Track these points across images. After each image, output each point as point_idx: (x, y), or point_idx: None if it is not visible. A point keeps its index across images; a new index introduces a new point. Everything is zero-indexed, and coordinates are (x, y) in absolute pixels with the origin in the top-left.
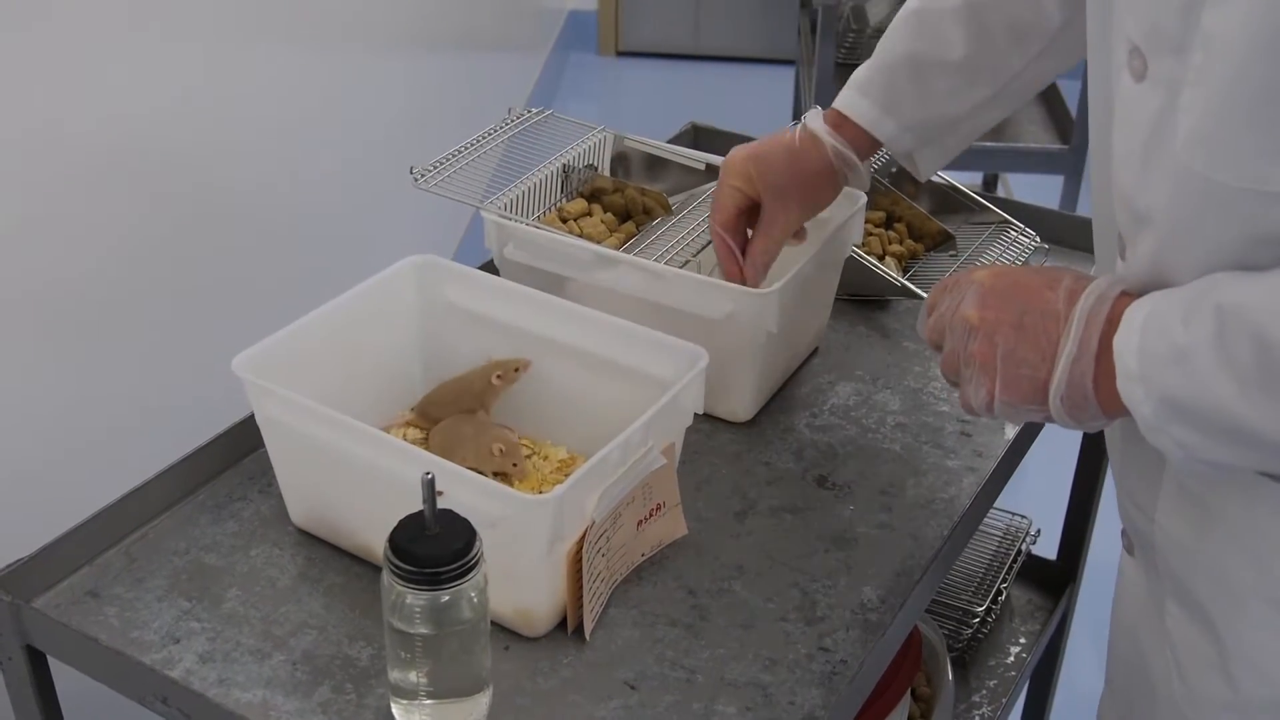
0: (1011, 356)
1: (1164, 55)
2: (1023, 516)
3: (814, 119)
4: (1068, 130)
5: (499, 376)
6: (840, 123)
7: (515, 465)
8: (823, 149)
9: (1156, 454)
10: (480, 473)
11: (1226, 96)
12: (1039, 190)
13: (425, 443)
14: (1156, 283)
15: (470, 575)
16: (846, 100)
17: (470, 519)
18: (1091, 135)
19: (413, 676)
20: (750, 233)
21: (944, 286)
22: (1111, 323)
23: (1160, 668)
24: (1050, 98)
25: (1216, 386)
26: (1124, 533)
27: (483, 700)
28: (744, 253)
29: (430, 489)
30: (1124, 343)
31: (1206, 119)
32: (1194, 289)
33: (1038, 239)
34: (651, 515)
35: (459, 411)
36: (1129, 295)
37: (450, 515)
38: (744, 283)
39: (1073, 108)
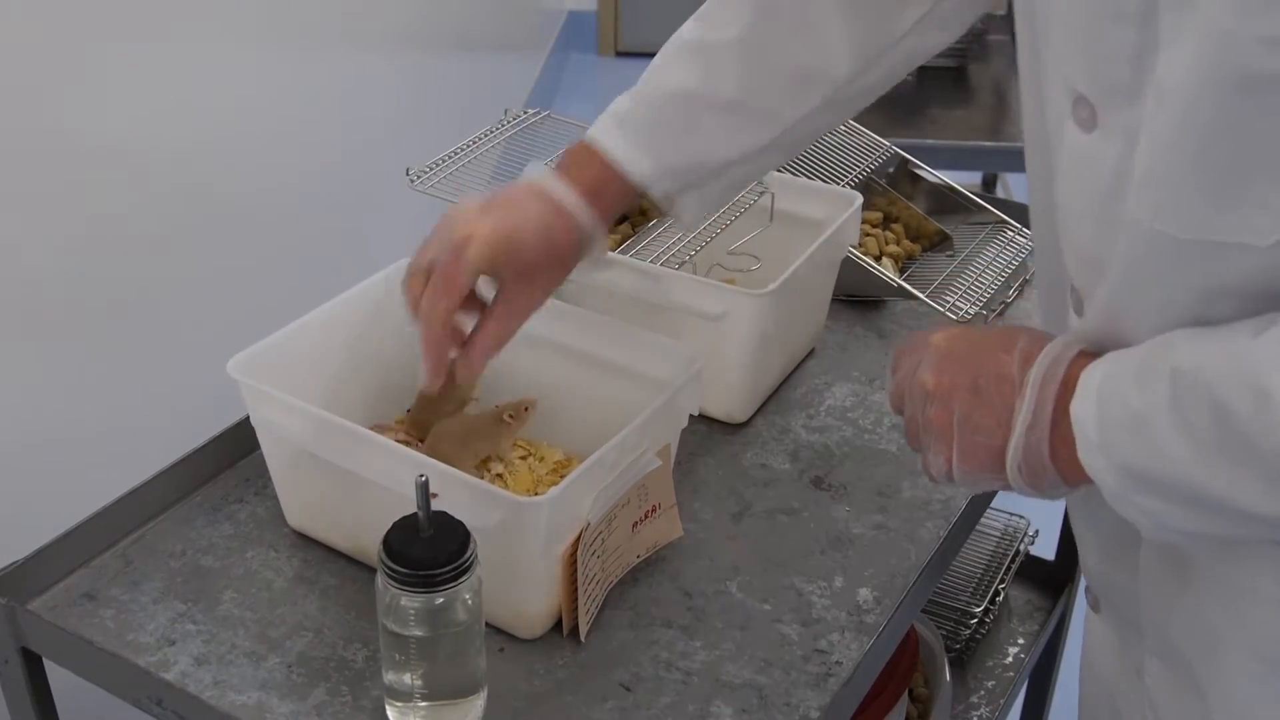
0: (967, 423)
1: (1117, 105)
2: (1020, 517)
3: (552, 183)
4: None
5: (510, 416)
6: (585, 159)
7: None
8: (574, 223)
9: None
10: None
11: (1172, 144)
12: None
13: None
14: (1114, 338)
15: (465, 577)
16: (600, 132)
17: (465, 521)
18: (1031, 188)
19: (407, 678)
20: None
21: (903, 350)
22: (1067, 386)
23: None
24: None
25: (1175, 453)
26: (1087, 589)
27: (477, 702)
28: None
29: (424, 491)
30: (1082, 410)
31: (1154, 168)
32: (1149, 350)
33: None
34: (647, 517)
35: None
36: (1086, 355)
37: (445, 517)
38: (448, 379)
39: None
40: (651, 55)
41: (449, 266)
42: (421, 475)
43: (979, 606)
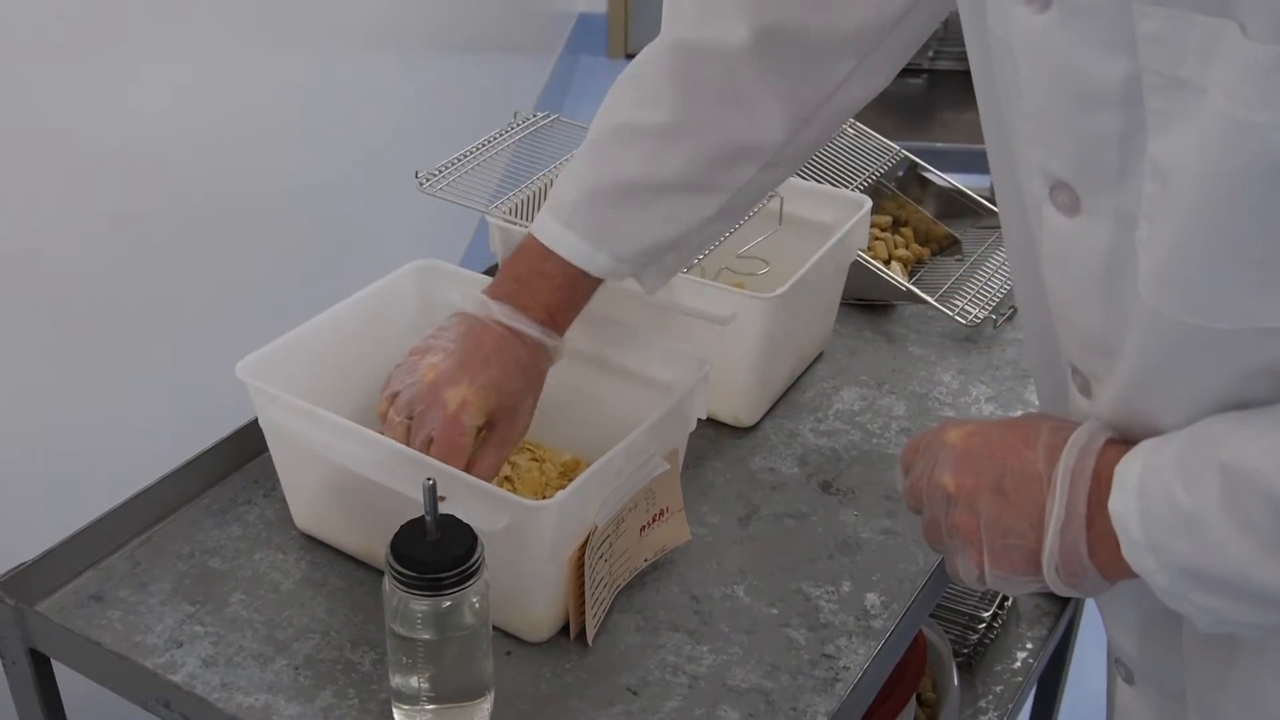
0: (996, 526)
1: (1102, 188)
2: None
3: (516, 319)
4: None
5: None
6: (537, 270)
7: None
8: (544, 349)
9: None
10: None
11: (1189, 234)
12: None
13: None
14: (1134, 421)
15: (472, 581)
16: (551, 234)
17: (472, 524)
18: (1012, 264)
19: (414, 682)
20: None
21: (915, 446)
22: (1100, 480)
23: None
24: None
25: (1234, 552)
26: (1118, 662)
27: (484, 706)
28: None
29: (432, 495)
30: (1122, 507)
31: (1169, 259)
32: (1190, 444)
33: None
34: (655, 520)
35: None
36: (1115, 444)
37: (452, 521)
38: None
39: None
40: None
41: (451, 437)
42: (429, 478)
43: (987, 611)
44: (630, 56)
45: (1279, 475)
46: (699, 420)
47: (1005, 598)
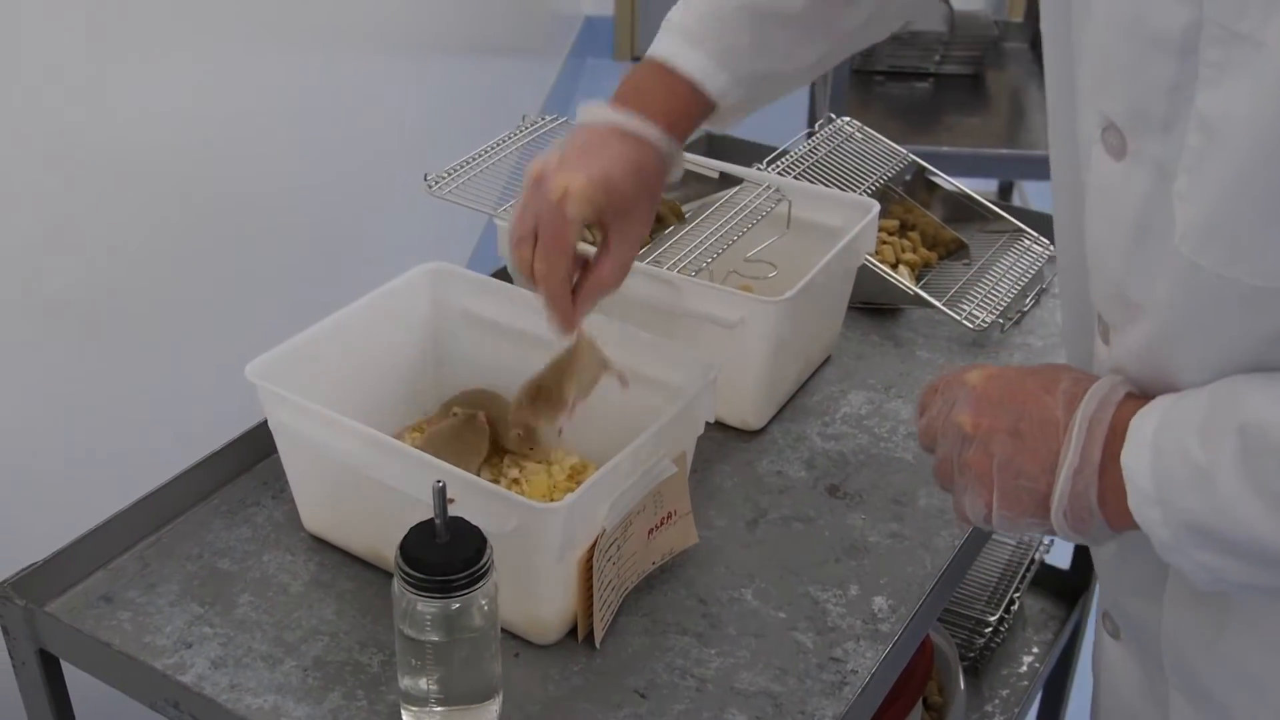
0: (1009, 467)
1: (1147, 134)
2: None
3: (633, 121)
4: None
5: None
6: (651, 85)
7: (532, 449)
8: (659, 154)
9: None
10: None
11: (1238, 188)
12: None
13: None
14: (1152, 373)
15: (481, 583)
16: (672, 50)
17: (481, 526)
18: (1057, 207)
19: (423, 683)
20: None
21: (934, 388)
22: (1115, 430)
23: None
24: None
25: (1244, 511)
26: (1106, 615)
27: (493, 707)
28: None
29: (441, 497)
30: (1134, 459)
31: (1215, 212)
32: (1209, 402)
33: (1051, 247)
34: (662, 523)
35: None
36: (1133, 398)
37: (461, 523)
38: (570, 330)
39: None
40: None
41: (554, 226)
42: (439, 481)
43: (994, 615)
44: (636, 59)
45: None
46: (706, 423)
47: (1011, 602)
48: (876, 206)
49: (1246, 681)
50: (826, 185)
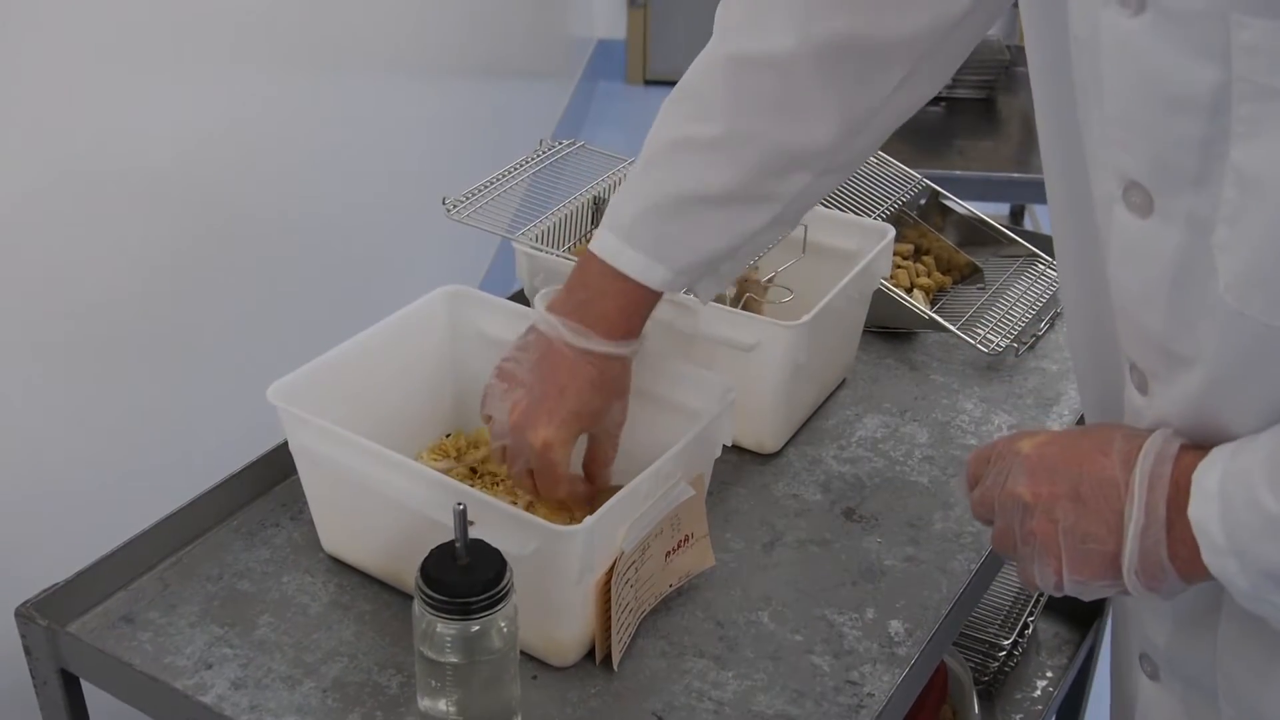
0: (1074, 532)
1: (1178, 192)
2: None
3: (588, 340)
4: None
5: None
6: (599, 285)
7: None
8: (622, 360)
9: (1211, 589)
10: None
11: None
12: None
13: (455, 472)
14: (1199, 422)
15: (500, 605)
16: (610, 251)
17: (501, 549)
18: (1061, 255)
19: (442, 705)
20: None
21: (984, 457)
22: (1178, 484)
23: None
24: None
25: None
26: (1144, 657)
27: None
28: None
29: (462, 519)
30: (1203, 513)
31: (1259, 262)
32: (1270, 448)
33: None
34: (680, 546)
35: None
36: (1189, 450)
37: (481, 545)
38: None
39: None
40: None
41: (547, 471)
42: (459, 503)
43: (1008, 639)
44: (649, 82)
45: None
46: (724, 446)
47: (1025, 626)
48: (892, 231)
49: None
50: (841, 210)
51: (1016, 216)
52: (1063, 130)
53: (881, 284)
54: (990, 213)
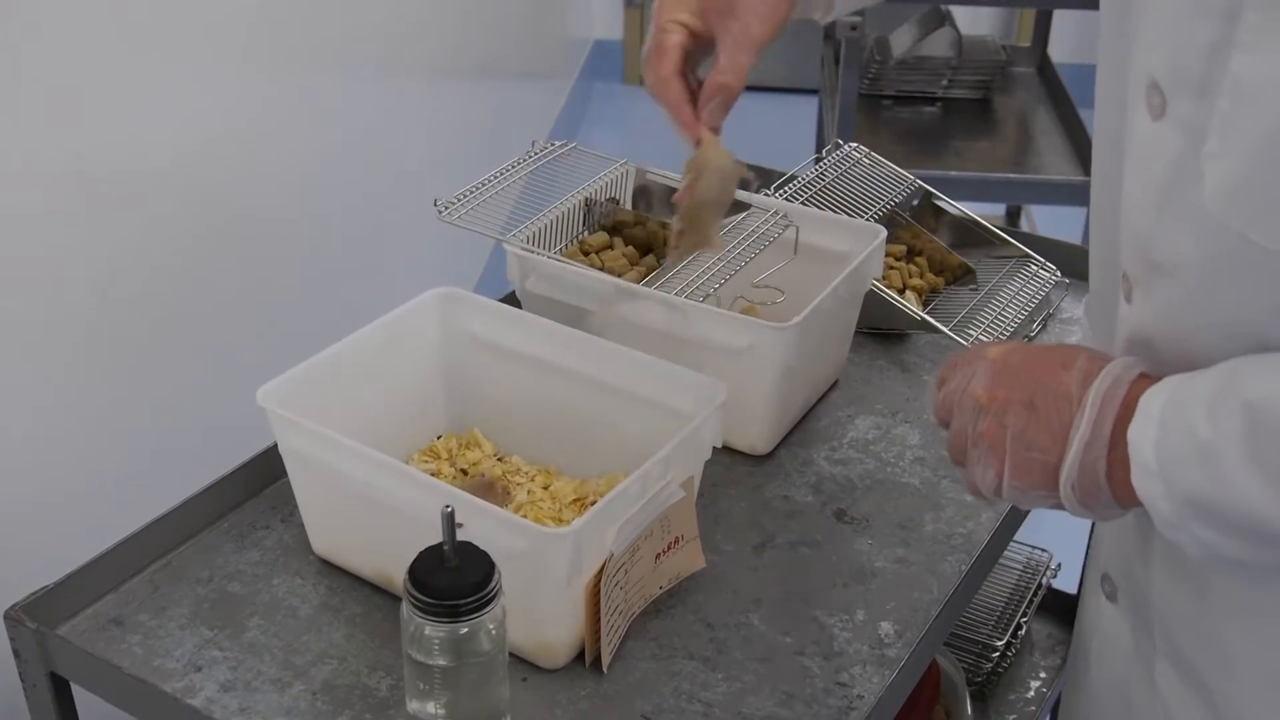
0: (1021, 439)
1: (1185, 96)
2: (1043, 550)
3: None
4: (1090, 162)
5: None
6: None
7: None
8: None
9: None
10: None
11: (1266, 151)
12: (1062, 221)
13: (445, 474)
14: (1169, 333)
15: (489, 608)
16: None
17: (489, 551)
18: (1096, 166)
19: (431, 708)
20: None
21: (954, 363)
22: (1128, 406)
23: None
24: (1072, 128)
25: (1245, 487)
26: (1105, 578)
27: None
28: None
29: (450, 522)
30: (1139, 434)
31: (1242, 173)
32: (1216, 381)
33: (1058, 273)
34: (670, 548)
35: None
36: (1147, 378)
37: (469, 548)
38: (693, 135)
39: None
40: None
41: (655, 38)
42: (447, 506)
43: (1001, 640)
44: None
45: None
46: (714, 448)
47: (1019, 627)
48: (884, 232)
49: (1223, 657)
50: (834, 211)
51: (1012, 217)
52: (1115, 30)
53: (873, 285)
54: (986, 213)
